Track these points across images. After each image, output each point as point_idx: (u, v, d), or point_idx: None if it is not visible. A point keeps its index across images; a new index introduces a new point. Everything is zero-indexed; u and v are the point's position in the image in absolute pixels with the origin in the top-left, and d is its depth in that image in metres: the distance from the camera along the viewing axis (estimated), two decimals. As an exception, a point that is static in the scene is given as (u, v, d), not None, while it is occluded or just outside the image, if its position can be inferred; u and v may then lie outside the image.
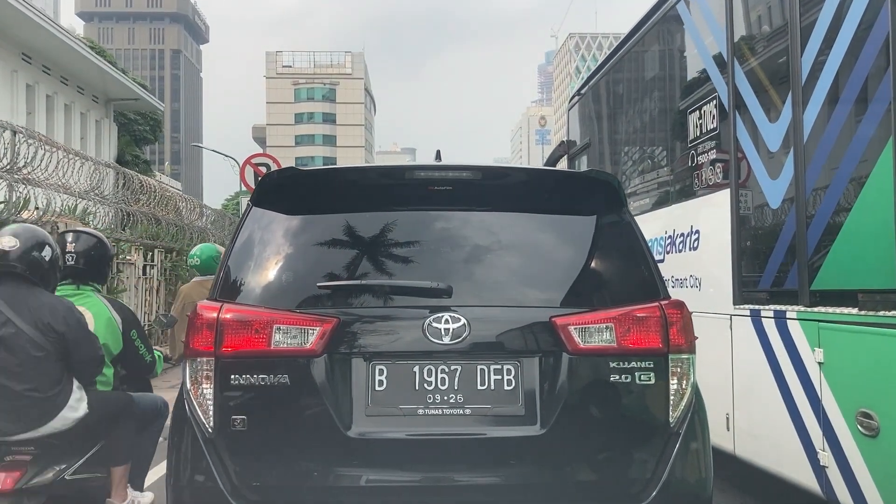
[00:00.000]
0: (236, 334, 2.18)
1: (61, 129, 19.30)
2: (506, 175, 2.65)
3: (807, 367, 3.26)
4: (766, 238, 3.71)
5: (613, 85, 6.08)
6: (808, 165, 3.26)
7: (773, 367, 3.53)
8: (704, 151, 4.30)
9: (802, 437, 3.30)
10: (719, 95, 4.11)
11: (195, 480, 2.18)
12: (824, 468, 3.15)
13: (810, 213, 3.23)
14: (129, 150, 23.90)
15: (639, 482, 2.19)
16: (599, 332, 2.22)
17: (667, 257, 4.74)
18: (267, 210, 2.44)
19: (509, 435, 2.16)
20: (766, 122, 3.66)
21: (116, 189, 7.60)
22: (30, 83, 17.93)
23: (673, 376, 2.24)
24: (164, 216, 8.57)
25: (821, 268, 3.15)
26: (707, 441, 2.34)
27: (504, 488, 2.16)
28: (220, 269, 2.40)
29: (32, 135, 5.99)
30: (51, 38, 16.82)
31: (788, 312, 3.38)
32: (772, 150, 3.61)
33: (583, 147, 6.62)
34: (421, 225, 2.42)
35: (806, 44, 3.26)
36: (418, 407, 2.17)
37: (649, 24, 5.21)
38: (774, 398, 3.49)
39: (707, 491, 2.30)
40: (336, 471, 2.15)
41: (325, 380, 2.16)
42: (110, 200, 7.30)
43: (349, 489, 2.14)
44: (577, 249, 2.44)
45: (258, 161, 10.28)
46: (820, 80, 3.17)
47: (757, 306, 3.67)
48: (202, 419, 2.17)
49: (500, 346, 2.22)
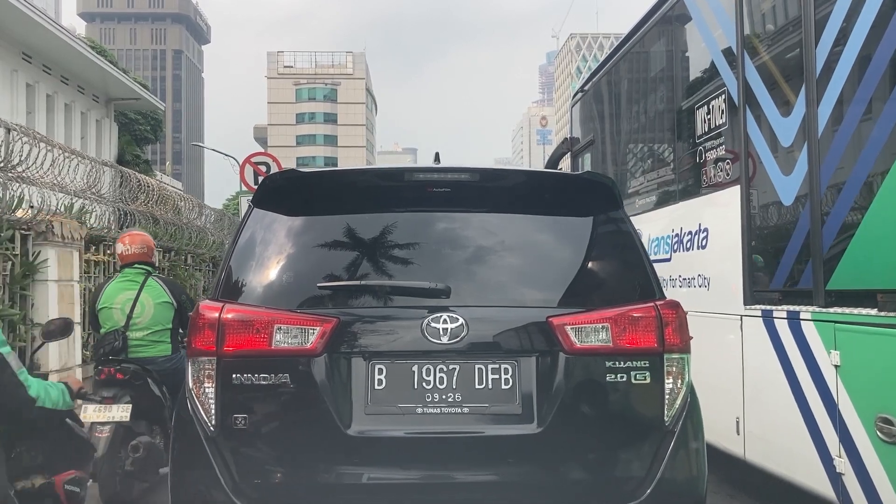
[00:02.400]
0: (238, 334, 2.20)
1: (61, 128, 19.24)
2: (503, 177, 2.66)
3: (822, 369, 3.14)
4: (778, 236, 3.59)
5: (617, 81, 5.96)
6: (823, 160, 3.15)
7: (785, 369, 3.41)
8: (713, 147, 4.18)
9: (817, 443, 3.18)
10: (728, 90, 3.99)
11: (197, 478, 2.20)
12: (840, 475, 3.03)
13: (826, 209, 3.12)
14: (129, 150, 23.86)
15: (634, 480, 2.20)
16: (595, 332, 2.23)
17: (674, 256, 4.62)
18: (268, 211, 2.46)
19: (506, 433, 2.18)
20: (779, 116, 3.54)
21: (113, 188, 7.48)
22: (30, 83, 17.86)
23: (668, 376, 2.26)
24: (162, 215, 8.46)
25: (837, 267, 3.03)
26: (702, 440, 2.34)
27: (501, 485, 2.17)
28: (221, 269, 2.42)
29: (27, 132, 5.89)
30: (51, 38, 16.73)
31: (802, 313, 3.26)
32: (784, 146, 3.50)
33: (586, 144, 6.50)
34: (419, 226, 2.44)
35: (821, 35, 3.15)
36: (417, 405, 2.19)
37: (654, 18, 5.10)
38: (787, 402, 3.37)
39: (701, 489, 2.31)
40: (336, 468, 2.17)
41: (326, 379, 2.18)
42: (107, 199, 7.19)
43: (349, 486, 2.17)
44: (574, 250, 2.46)
45: (258, 160, 10.18)
46: (836, 72, 3.05)
47: (769, 306, 3.56)
48: (204, 417, 2.20)
49: (498, 345, 2.24)
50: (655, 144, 5.23)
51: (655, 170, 5.16)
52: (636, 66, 5.64)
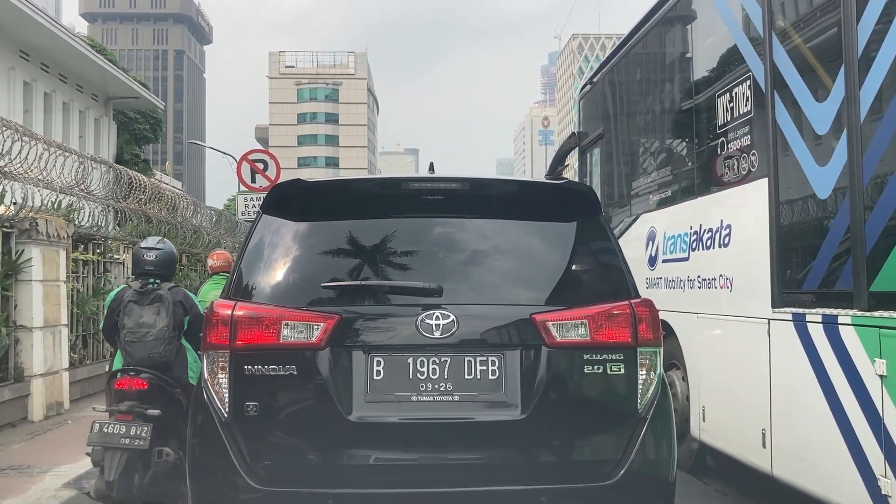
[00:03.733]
0: (249, 329, 2.41)
1: (59, 127, 19.00)
2: (492, 186, 2.93)
3: (864, 379, 2.84)
4: (812, 232, 3.29)
5: (630, 70, 5.66)
6: (866, 149, 2.85)
7: (820, 378, 3.11)
8: (737, 138, 3.89)
9: (858, 461, 2.88)
10: (754, 74, 3.70)
11: (213, 460, 2.41)
12: (887, 497, 2.73)
13: (869, 202, 2.82)
14: (128, 149, 23.64)
15: (609, 463, 2.41)
16: (575, 328, 2.43)
17: (692, 255, 4.32)
18: (276, 217, 2.67)
19: (493, 419, 2.40)
20: (812, 101, 3.24)
21: (104, 184, 7.18)
22: (27, 80, 17.63)
23: (641, 368, 2.46)
24: (156, 214, 8.17)
25: (882, 266, 2.73)
26: (671, 426, 2.57)
27: (488, 467, 2.39)
28: (233, 271, 2.65)
29: (8, 125, 5.61)
30: (49, 36, 16.50)
31: (841, 317, 2.97)
32: (819, 134, 3.20)
33: (595, 138, 6.20)
34: (415, 231, 2.65)
35: (864, 8, 2.85)
36: (412, 394, 2.39)
37: (670, 2, 4.80)
38: (823, 415, 3.07)
39: (669, 471, 2.53)
40: (338, 451, 2.38)
41: (329, 370, 2.38)
42: (97, 196, 6.89)
43: (350, 467, 2.39)
44: (556, 253, 2.68)
45: (255, 157, 9.90)
46: (881, 50, 2.76)
47: (801, 310, 3.26)
48: (218, 405, 2.40)
49: (486, 340, 2.44)
50: (672, 136, 4.93)
51: (671, 163, 4.87)
52: (651, 55, 5.34)
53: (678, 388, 4.53)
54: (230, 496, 2.38)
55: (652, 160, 5.25)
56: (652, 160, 5.25)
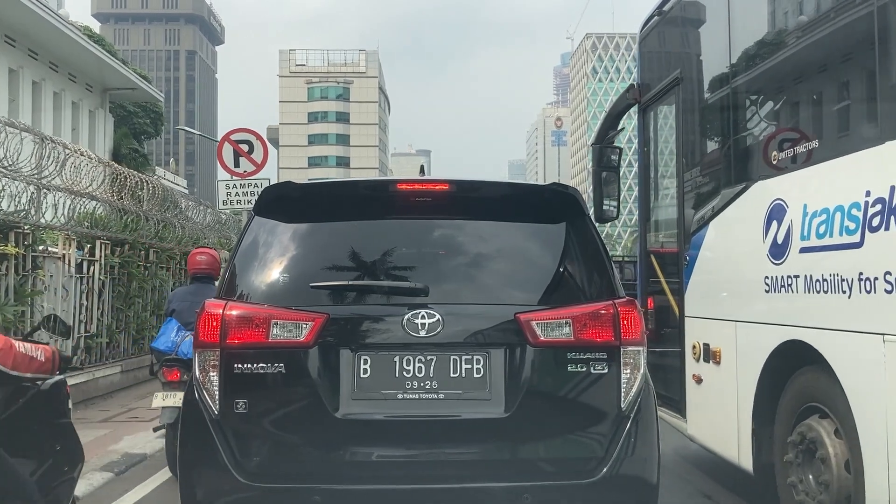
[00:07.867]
0: (239, 328, 2.55)
1: (49, 118, 17.85)
2: (478, 188, 3.08)
3: None
4: None
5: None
6: None
7: None
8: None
9: None
10: None
11: (203, 456, 2.54)
12: None
13: None
14: (125, 143, 22.46)
15: (592, 460, 2.53)
16: (559, 327, 2.56)
17: (868, 237, 2.76)
18: (267, 219, 2.84)
19: (477, 417, 2.53)
20: None
21: (37, 164, 5.71)
22: (13, 67, 16.54)
23: (625, 367, 2.57)
24: (109, 199, 6.76)
25: None
26: (654, 425, 2.65)
27: (473, 463, 2.54)
28: (225, 271, 2.85)
29: None
30: (36, 20, 15.41)
31: None
32: None
33: (668, 86, 4.63)
34: (402, 232, 2.83)
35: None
36: (398, 392, 2.52)
37: None
38: None
39: (652, 469, 2.61)
40: (325, 447, 2.54)
41: (317, 368, 2.53)
42: (24, 175, 5.44)
43: (337, 462, 2.53)
44: (542, 253, 2.86)
45: (238, 137, 8.54)
46: None
47: None
48: (209, 403, 2.54)
49: (471, 338, 2.57)
50: (827, 64, 3.35)
51: (827, 102, 3.32)
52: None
53: (829, 449, 2.97)
54: (219, 492, 2.52)
55: (787, 103, 3.68)
56: (787, 103, 3.68)
